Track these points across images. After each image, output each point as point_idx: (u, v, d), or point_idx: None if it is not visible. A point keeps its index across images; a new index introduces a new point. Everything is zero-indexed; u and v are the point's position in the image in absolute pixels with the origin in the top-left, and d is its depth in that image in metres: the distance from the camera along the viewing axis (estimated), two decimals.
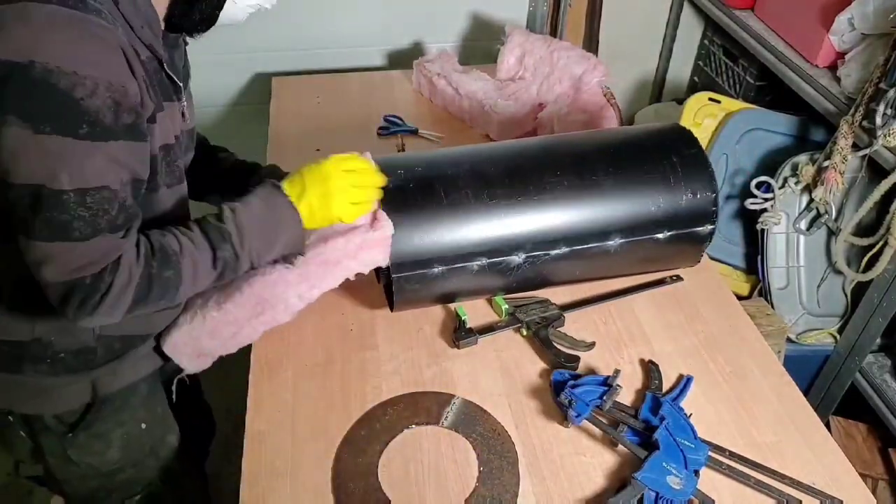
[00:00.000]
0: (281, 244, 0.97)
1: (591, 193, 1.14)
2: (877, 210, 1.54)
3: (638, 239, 1.16)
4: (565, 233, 1.13)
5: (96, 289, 0.83)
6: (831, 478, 0.99)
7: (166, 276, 0.88)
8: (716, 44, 2.23)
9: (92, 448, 1.10)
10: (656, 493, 0.92)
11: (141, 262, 0.86)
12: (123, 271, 0.84)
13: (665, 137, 1.22)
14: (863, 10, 1.55)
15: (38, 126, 0.75)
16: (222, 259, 0.92)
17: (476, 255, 1.10)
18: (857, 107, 1.51)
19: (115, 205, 0.82)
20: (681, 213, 1.16)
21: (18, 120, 0.74)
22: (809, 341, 1.75)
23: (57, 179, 0.77)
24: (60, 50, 0.74)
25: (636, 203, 1.15)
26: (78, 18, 0.75)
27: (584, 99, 1.67)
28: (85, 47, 0.75)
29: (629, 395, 1.09)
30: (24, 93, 0.74)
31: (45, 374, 1.00)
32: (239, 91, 2.11)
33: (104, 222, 0.81)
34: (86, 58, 0.75)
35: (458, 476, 0.98)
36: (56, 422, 1.06)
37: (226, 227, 0.92)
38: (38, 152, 0.76)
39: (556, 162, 1.16)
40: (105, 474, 1.14)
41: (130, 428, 1.12)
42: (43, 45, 0.73)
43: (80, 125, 0.76)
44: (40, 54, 0.73)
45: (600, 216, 1.14)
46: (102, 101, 0.77)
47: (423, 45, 2.14)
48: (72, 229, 0.79)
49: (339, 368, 1.12)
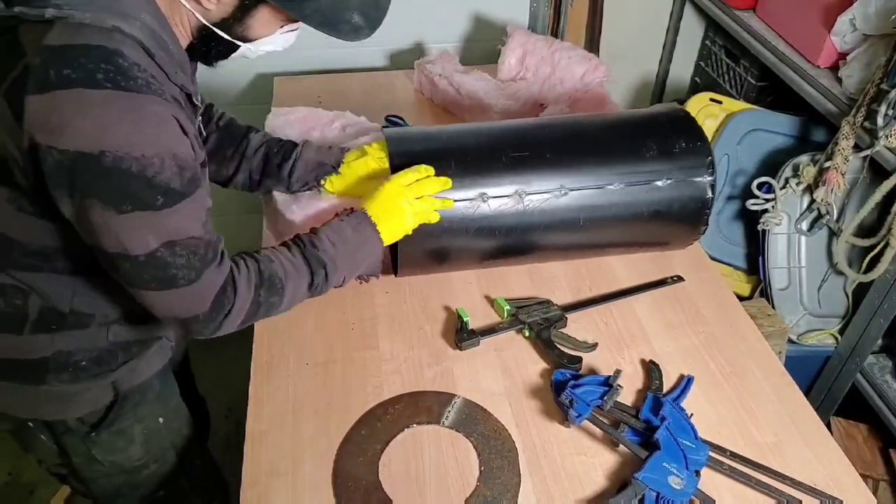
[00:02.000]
0: (363, 268, 1.10)
1: (588, 146, 1.21)
2: (878, 211, 1.53)
3: (637, 184, 1.18)
4: (565, 177, 1.17)
5: (212, 319, 0.92)
6: (832, 478, 0.99)
7: (272, 301, 0.98)
8: (717, 44, 2.23)
9: (115, 445, 1.12)
10: (657, 493, 0.92)
11: (252, 290, 0.95)
12: (238, 300, 0.93)
13: (655, 110, 1.32)
14: (864, 11, 1.55)
15: (120, 207, 0.80)
16: (317, 284, 1.02)
17: (478, 194, 1.14)
18: (859, 107, 1.51)
19: (202, 245, 0.89)
20: (675, 161, 1.20)
21: (100, 203, 0.80)
22: (810, 342, 1.75)
23: (146, 243, 0.84)
24: (125, 137, 0.78)
25: (631, 151, 1.20)
26: (133, 101, 0.79)
27: (586, 99, 1.67)
28: (146, 130, 0.80)
29: (630, 396, 1.09)
30: (101, 179, 0.79)
31: (67, 382, 1.02)
32: (240, 91, 2.11)
33: (199, 262, 0.88)
34: (148, 139, 0.80)
35: (459, 476, 0.98)
36: (78, 423, 1.08)
37: (323, 258, 1.02)
38: (126, 228, 0.82)
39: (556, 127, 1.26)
40: (129, 471, 1.16)
41: (149, 423, 1.15)
42: (108, 134, 0.78)
43: (157, 198, 0.82)
44: (108, 144, 0.78)
45: (599, 162, 1.20)
46: (171, 172, 0.82)
47: (425, 45, 2.14)
48: (177, 279, 0.87)
49: (340, 368, 1.12)
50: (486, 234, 1.17)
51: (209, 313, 0.91)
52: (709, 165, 1.20)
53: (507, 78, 1.78)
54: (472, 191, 1.14)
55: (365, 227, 1.06)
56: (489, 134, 1.23)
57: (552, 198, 1.16)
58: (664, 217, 1.22)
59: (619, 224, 1.22)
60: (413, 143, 1.19)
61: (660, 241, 1.30)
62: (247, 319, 0.97)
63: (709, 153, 1.21)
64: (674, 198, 1.20)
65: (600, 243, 1.27)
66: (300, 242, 1.02)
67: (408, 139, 1.21)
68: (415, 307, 1.23)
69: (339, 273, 1.04)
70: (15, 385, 1.02)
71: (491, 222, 1.16)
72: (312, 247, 1.01)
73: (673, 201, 1.21)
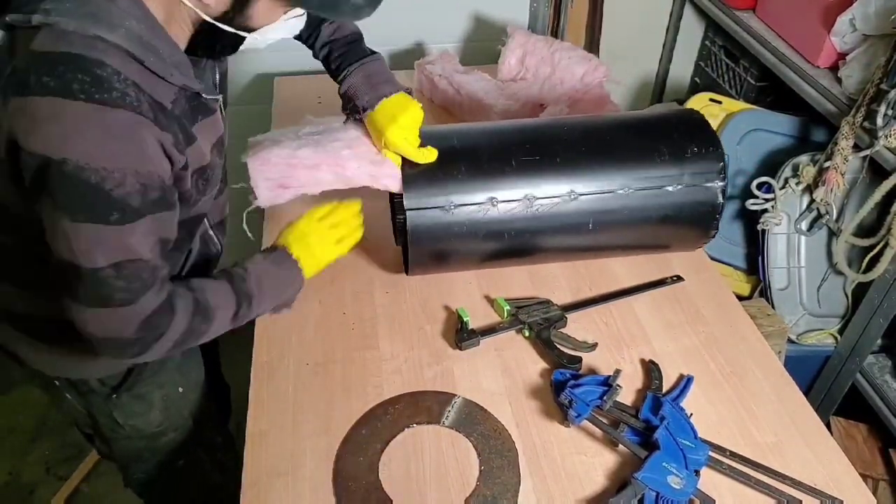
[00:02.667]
0: (283, 301, 1.10)
1: (600, 150, 1.20)
2: (878, 211, 1.53)
3: (648, 189, 1.18)
4: (575, 182, 1.17)
5: (133, 343, 0.91)
6: (832, 478, 0.99)
7: (202, 329, 0.97)
8: (717, 44, 2.23)
9: (134, 409, 1.17)
10: (657, 493, 0.92)
11: (187, 320, 0.94)
12: (173, 327, 0.92)
13: (665, 112, 1.31)
14: (864, 11, 1.55)
15: (74, 215, 0.82)
16: (241, 315, 1.02)
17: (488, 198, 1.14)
18: (859, 107, 1.51)
19: (148, 270, 0.89)
20: (687, 166, 1.19)
21: (58, 208, 0.81)
22: (810, 342, 1.75)
23: (93, 260, 0.84)
24: (89, 149, 0.80)
25: (642, 155, 1.19)
26: (104, 115, 0.80)
27: (586, 100, 1.67)
28: (111, 145, 0.81)
29: (630, 395, 1.09)
30: (59, 185, 0.80)
31: None
32: (241, 91, 2.12)
33: (140, 287, 0.88)
34: (112, 153, 0.81)
35: (459, 475, 0.98)
36: (100, 384, 1.13)
37: (250, 292, 1.02)
38: (75, 237, 0.83)
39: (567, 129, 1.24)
40: (149, 436, 1.21)
41: (169, 390, 1.18)
42: (73, 144, 0.79)
43: (111, 213, 0.83)
44: (71, 153, 0.79)
45: (610, 167, 1.19)
46: (131, 188, 0.83)
47: (425, 45, 2.14)
48: (113, 298, 0.87)
49: (340, 368, 1.13)
50: (495, 236, 1.17)
51: (132, 338, 0.90)
52: (721, 171, 1.19)
53: (507, 78, 1.78)
54: (481, 195, 1.14)
55: (286, 264, 1.08)
56: (500, 135, 1.22)
57: (562, 202, 1.16)
58: (674, 222, 1.22)
59: (627, 228, 1.22)
60: (425, 142, 1.17)
61: (668, 244, 1.30)
62: (175, 347, 0.95)
63: (721, 159, 1.19)
64: (684, 203, 1.20)
65: (608, 246, 1.27)
66: (230, 276, 1.03)
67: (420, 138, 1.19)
68: (415, 307, 1.24)
69: (261, 306, 1.05)
70: (40, 344, 1.07)
71: (500, 226, 1.16)
72: (241, 281, 1.02)
73: (683, 206, 1.20)
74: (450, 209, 1.13)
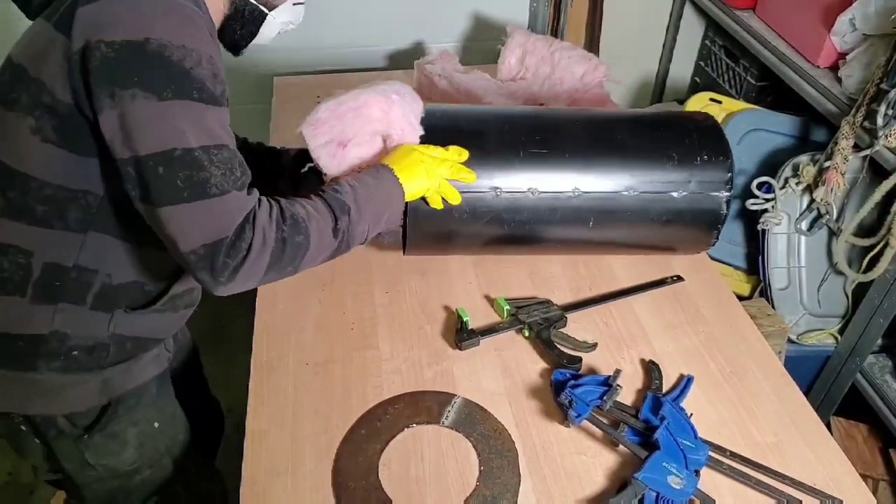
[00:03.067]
0: (385, 220, 1.05)
1: (609, 149, 1.19)
2: (878, 211, 1.53)
3: (653, 193, 1.17)
4: (581, 179, 1.16)
5: (238, 248, 0.87)
6: (832, 478, 0.99)
7: (297, 241, 0.93)
8: (717, 44, 2.23)
9: (108, 448, 1.11)
10: (657, 493, 0.92)
11: (274, 225, 0.91)
12: (259, 232, 0.89)
13: (681, 113, 1.31)
14: (864, 11, 1.55)
15: (161, 93, 0.83)
16: (342, 229, 0.98)
17: (492, 188, 1.15)
18: (859, 107, 1.51)
19: (236, 162, 0.89)
20: (695, 173, 1.18)
21: (143, 91, 0.82)
22: (810, 342, 1.75)
23: (185, 138, 0.84)
24: (169, 28, 0.83)
25: (652, 159, 1.18)
26: (177, 5, 0.85)
27: (585, 99, 1.67)
28: (187, 27, 0.85)
29: (630, 395, 1.09)
30: (143, 66, 0.82)
31: (57, 371, 1.01)
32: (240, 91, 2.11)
33: (232, 179, 0.88)
34: (189, 35, 0.85)
35: (459, 475, 0.98)
36: (69, 425, 1.07)
37: (345, 200, 0.99)
38: (166, 117, 0.83)
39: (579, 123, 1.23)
40: (123, 475, 1.15)
41: (144, 427, 1.13)
42: (154, 24, 0.83)
43: (193, 90, 0.85)
44: (152, 32, 0.82)
45: (617, 167, 1.18)
46: (207, 71, 0.86)
47: (424, 45, 2.14)
48: (209, 185, 0.85)
49: (340, 367, 1.12)
50: (495, 224, 1.17)
51: (234, 240, 0.87)
52: (728, 182, 1.19)
53: (507, 78, 1.78)
54: (485, 183, 1.14)
55: (385, 176, 1.05)
56: (510, 122, 1.21)
57: (565, 199, 1.16)
58: (675, 226, 1.22)
59: (628, 228, 1.22)
60: (435, 118, 1.17)
61: (667, 248, 1.30)
62: (273, 261, 0.91)
63: (730, 169, 1.19)
64: (688, 209, 1.20)
65: (607, 243, 1.27)
66: (321, 190, 1.01)
67: (431, 113, 1.18)
68: (415, 307, 1.23)
69: (363, 221, 1.00)
70: (4, 371, 1.00)
71: (501, 213, 1.16)
72: (333, 191, 1.00)
73: (686, 213, 1.20)
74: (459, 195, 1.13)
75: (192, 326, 1.32)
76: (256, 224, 0.89)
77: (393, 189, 1.04)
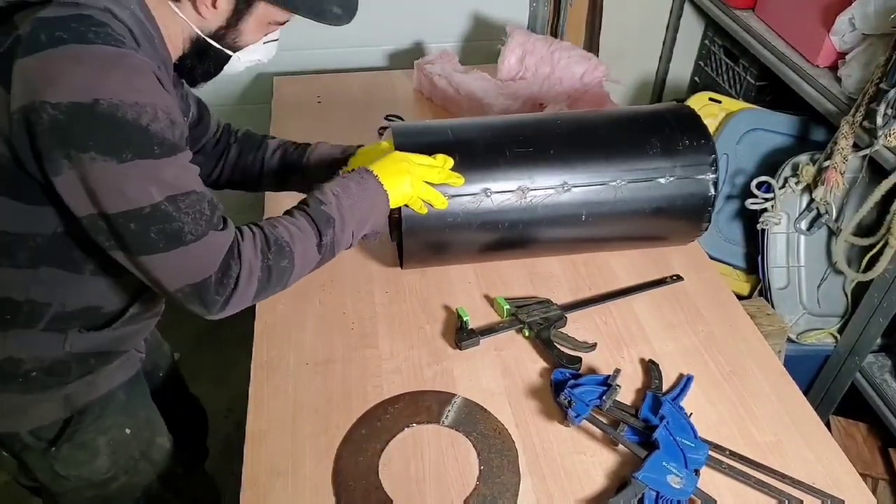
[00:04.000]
0: (370, 224, 1.04)
1: (592, 142, 1.22)
2: (877, 210, 1.54)
3: (640, 181, 1.19)
4: (568, 174, 1.18)
5: (225, 284, 0.88)
6: (832, 478, 0.99)
7: (283, 266, 0.93)
8: (716, 44, 2.23)
9: (77, 459, 1.09)
10: (657, 493, 0.92)
11: (259, 254, 0.91)
12: (245, 265, 0.89)
13: (660, 107, 1.32)
14: (864, 11, 1.55)
15: (121, 156, 0.79)
16: (326, 244, 0.98)
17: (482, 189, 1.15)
18: (858, 107, 1.51)
19: (205, 203, 0.86)
20: (678, 158, 1.20)
21: (101, 155, 0.78)
22: (810, 341, 1.75)
23: (151, 195, 0.82)
24: (117, 85, 0.79)
25: (634, 148, 1.20)
26: (121, 54, 0.80)
27: (585, 99, 1.67)
28: (136, 79, 0.81)
29: (630, 395, 1.09)
30: (97, 129, 0.78)
31: (16, 392, 0.99)
32: (240, 91, 2.12)
33: (204, 221, 0.86)
34: (139, 89, 0.81)
35: (459, 475, 0.98)
36: (34, 439, 1.05)
37: (330, 214, 0.98)
38: (129, 178, 0.80)
39: (560, 122, 1.25)
40: (98, 484, 1.12)
41: (114, 434, 1.11)
42: (101, 83, 0.78)
43: (154, 147, 0.81)
44: (101, 92, 0.77)
45: (602, 159, 1.20)
46: (164, 122, 0.82)
47: (424, 44, 2.14)
48: (184, 233, 0.84)
49: (340, 367, 1.13)
50: (489, 228, 1.18)
51: (220, 277, 0.87)
52: (712, 163, 1.21)
53: (507, 78, 1.79)
54: (475, 186, 1.15)
55: (370, 183, 1.03)
56: (494, 129, 1.23)
57: (555, 194, 1.17)
58: (666, 214, 1.23)
59: (620, 220, 1.23)
60: (418, 136, 1.19)
61: (661, 237, 1.30)
62: (261, 288, 0.91)
63: (712, 151, 1.21)
64: (676, 195, 1.21)
65: (602, 238, 1.28)
66: (304, 204, 0.99)
67: (413, 132, 1.21)
68: (415, 307, 1.24)
69: (347, 229, 1.00)
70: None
71: (494, 217, 1.17)
72: (318, 203, 0.98)
73: (676, 198, 1.21)
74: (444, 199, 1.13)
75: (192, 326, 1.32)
76: (242, 257, 0.89)
77: (377, 196, 1.04)
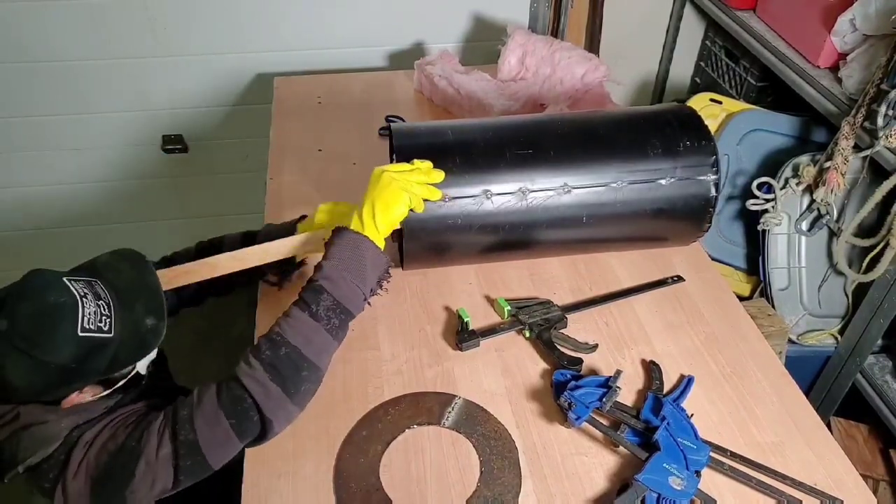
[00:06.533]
0: (370, 268, 1.01)
1: (593, 143, 1.22)
2: (878, 211, 1.54)
3: (641, 182, 1.18)
4: (569, 175, 1.17)
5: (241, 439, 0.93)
6: (832, 478, 0.99)
7: (288, 373, 0.93)
8: (717, 44, 2.23)
9: None
10: (658, 495, 0.92)
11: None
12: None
13: (661, 108, 1.31)
14: (865, 11, 1.55)
15: None
16: (323, 310, 0.96)
17: (482, 191, 1.15)
18: (859, 108, 1.51)
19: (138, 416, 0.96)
20: (680, 159, 1.20)
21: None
22: (810, 342, 1.75)
23: None
24: None
25: (635, 149, 1.20)
26: None
27: (586, 99, 1.67)
28: None
29: (630, 396, 1.09)
30: None
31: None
32: (241, 91, 2.12)
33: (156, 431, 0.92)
34: None
35: (460, 476, 0.98)
36: None
37: (317, 283, 0.97)
38: None
39: (560, 124, 1.25)
40: None
41: None
42: None
43: None
44: None
45: (603, 160, 1.19)
46: None
47: (425, 45, 2.14)
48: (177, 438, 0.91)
49: (341, 368, 1.12)
50: (489, 230, 1.17)
51: (240, 437, 0.92)
52: (713, 164, 1.20)
53: (507, 78, 1.78)
54: (476, 188, 1.14)
55: (342, 233, 1.02)
56: (494, 130, 1.23)
57: (555, 195, 1.17)
58: (668, 215, 1.22)
59: (621, 221, 1.23)
60: (418, 138, 1.19)
61: (662, 237, 1.30)
62: (288, 417, 0.94)
63: (714, 152, 1.21)
64: (678, 196, 1.21)
65: (602, 239, 1.27)
66: (298, 299, 0.98)
67: (413, 134, 1.21)
68: (415, 307, 1.24)
69: (350, 285, 0.98)
70: None
71: (495, 219, 1.16)
72: (308, 282, 0.98)
73: (677, 199, 1.21)
74: (444, 201, 1.13)
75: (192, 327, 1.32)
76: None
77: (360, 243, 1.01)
